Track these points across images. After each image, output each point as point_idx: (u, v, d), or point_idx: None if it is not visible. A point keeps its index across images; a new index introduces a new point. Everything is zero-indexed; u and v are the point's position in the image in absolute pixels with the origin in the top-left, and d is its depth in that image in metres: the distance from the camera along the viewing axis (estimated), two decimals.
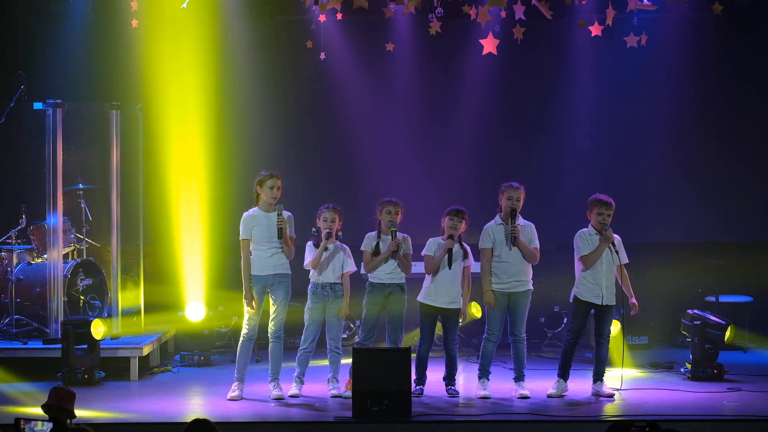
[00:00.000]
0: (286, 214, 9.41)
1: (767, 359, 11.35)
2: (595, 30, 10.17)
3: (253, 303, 9.37)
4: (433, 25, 10.58)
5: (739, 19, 12.17)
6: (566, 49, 12.47)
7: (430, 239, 9.62)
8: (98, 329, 10.23)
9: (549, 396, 9.41)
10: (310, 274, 9.59)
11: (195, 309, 11.53)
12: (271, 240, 9.38)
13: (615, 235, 9.49)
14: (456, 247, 9.51)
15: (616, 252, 9.43)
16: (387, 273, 9.57)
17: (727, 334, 10.22)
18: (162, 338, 11.35)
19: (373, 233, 9.64)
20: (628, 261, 9.56)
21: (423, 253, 9.60)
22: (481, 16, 9.22)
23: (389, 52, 11.62)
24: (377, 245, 9.56)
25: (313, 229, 9.59)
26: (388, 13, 10.90)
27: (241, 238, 9.45)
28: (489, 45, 10.00)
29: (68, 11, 11.76)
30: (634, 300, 9.51)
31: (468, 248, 9.63)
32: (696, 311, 10.45)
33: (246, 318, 9.47)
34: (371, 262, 9.56)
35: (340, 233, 9.58)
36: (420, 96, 12.64)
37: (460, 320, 9.64)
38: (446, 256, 9.44)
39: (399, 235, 9.52)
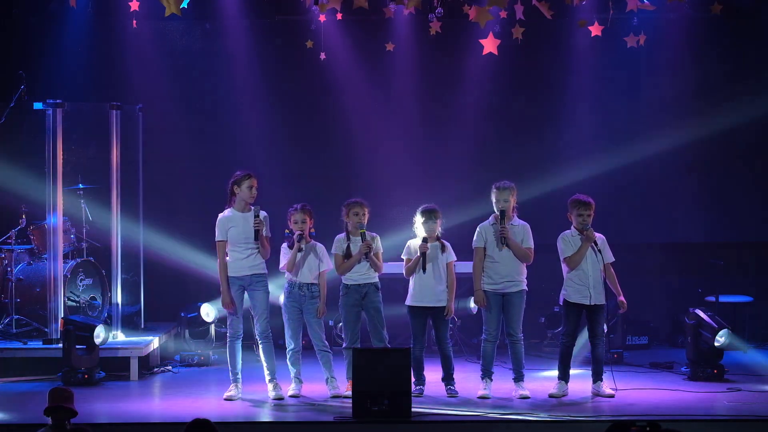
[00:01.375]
0: (262, 214, 9.40)
1: (767, 359, 11.34)
2: (595, 30, 10.17)
3: (232, 305, 9.38)
4: (433, 25, 10.58)
5: (738, 19, 12.16)
6: (566, 49, 12.47)
7: (409, 242, 9.62)
8: (98, 336, 10.20)
9: (551, 396, 9.42)
10: (286, 273, 9.59)
11: (207, 310, 11.53)
12: (247, 241, 9.37)
13: (598, 234, 9.50)
14: (433, 246, 9.50)
15: (599, 251, 9.44)
16: (361, 274, 9.57)
17: (721, 339, 10.17)
18: (162, 338, 11.35)
19: (342, 235, 9.63)
20: (613, 259, 9.55)
21: (402, 256, 9.60)
22: (478, 16, 9.19)
23: (389, 52, 11.62)
24: (348, 247, 9.56)
25: (286, 231, 9.58)
26: (388, 13, 10.92)
27: (216, 239, 9.44)
28: (489, 45, 10.00)
29: (68, 11, 11.75)
30: (622, 298, 9.51)
31: (447, 244, 9.61)
32: (697, 311, 10.43)
33: (229, 320, 9.49)
34: (343, 264, 9.56)
35: (312, 230, 9.57)
36: (420, 96, 12.65)
37: (445, 315, 9.57)
38: (421, 259, 9.45)
39: (368, 235, 9.53)
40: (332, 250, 9.60)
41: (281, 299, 10.29)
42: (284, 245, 9.58)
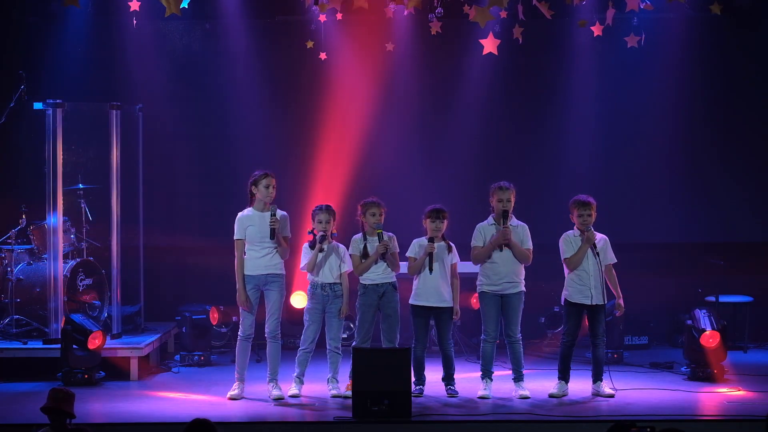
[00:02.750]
0: (280, 213, 9.42)
1: (767, 359, 11.34)
2: (596, 30, 10.17)
3: (248, 303, 9.39)
4: (433, 25, 10.58)
5: (738, 19, 12.17)
6: (566, 49, 12.47)
7: (414, 240, 9.63)
8: (95, 341, 10.17)
9: (551, 396, 9.43)
10: (309, 275, 9.59)
11: (216, 314, 11.50)
12: (263, 240, 9.38)
13: (602, 235, 9.52)
14: (440, 246, 9.50)
15: (597, 254, 9.42)
16: (379, 274, 9.57)
17: (710, 341, 10.15)
18: (162, 338, 11.35)
19: (359, 236, 9.64)
20: (615, 261, 9.56)
21: (407, 254, 9.61)
22: (478, 16, 9.19)
23: (389, 52, 11.62)
24: (365, 247, 9.56)
25: (309, 230, 9.60)
26: (388, 13, 10.91)
27: (234, 238, 9.46)
28: (489, 45, 10.00)
29: (68, 11, 11.75)
30: (621, 301, 9.53)
31: (452, 245, 9.62)
32: (696, 311, 10.43)
33: (242, 318, 9.49)
34: (361, 265, 9.56)
35: (334, 231, 9.59)
36: (420, 96, 12.64)
37: (454, 315, 9.62)
38: (426, 258, 9.45)
39: (385, 235, 9.53)
40: (349, 251, 9.60)
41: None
42: (305, 245, 9.59)
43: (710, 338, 10.13)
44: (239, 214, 9.50)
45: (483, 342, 9.57)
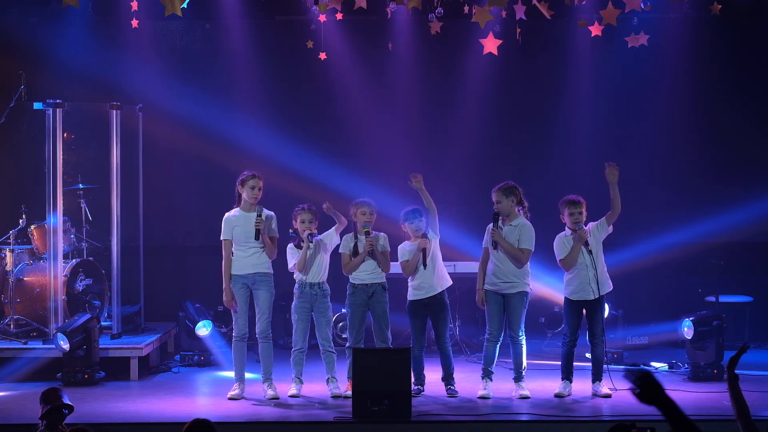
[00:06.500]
0: (266, 213, 9.44)
1: (767, 359, 11.34)
2: (595, 30, 10.17)
3: (233, 303, 9.41)
4: (433, 25, 10.58)
5: (738, 18, 12.17)
6: (566, 49, 12.47)
7: (399, 246, 9.64)
8: (63, 344, 10.15)
9: (556, 396, 9.43)
10: (295, 274, 9.60)
11: (204, 328, 11.45)
12: (249, 240, 9.41)
13: (590, 224, 9.53)
14: (423, 242, 9.50)
15: (590, 252, 9.42)
16: (368, 273, 9.58)
17: (686, 330, 10.26)
18: (162, 338, 11.35)
19: (350, 234, 9.67)
20: (611, 212, 9.52)
21: (399, 260, 9.61)
22: (478, 16, 9.19)
23: (389, 52, 11.62)
24: (355, 246, 9.58)
25: (291, 231, 9.61)
26: (389, 14, 10.92)
27: (221, 238, 9.50)
28: (489, 45, 10.00)
29: (68, 11, 11.74)
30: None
31: (428, 234, 9.55)
32: (702, 312, 10.46)
33: (234, 319, 9.52)
34: (350, 263, 9.58)
35: (315, 231, 9.60)
36: (420, 96, 12.64)
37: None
38: (421, 256, 9.46)
39: (373, 233, 9.54)
40: (340, 249, 9.63)
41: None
42: (290, 245, 9.60)
43: (686, 330, 10.20)
44: (226, 214, 9.54)
45: (486, 341, 9.56)
